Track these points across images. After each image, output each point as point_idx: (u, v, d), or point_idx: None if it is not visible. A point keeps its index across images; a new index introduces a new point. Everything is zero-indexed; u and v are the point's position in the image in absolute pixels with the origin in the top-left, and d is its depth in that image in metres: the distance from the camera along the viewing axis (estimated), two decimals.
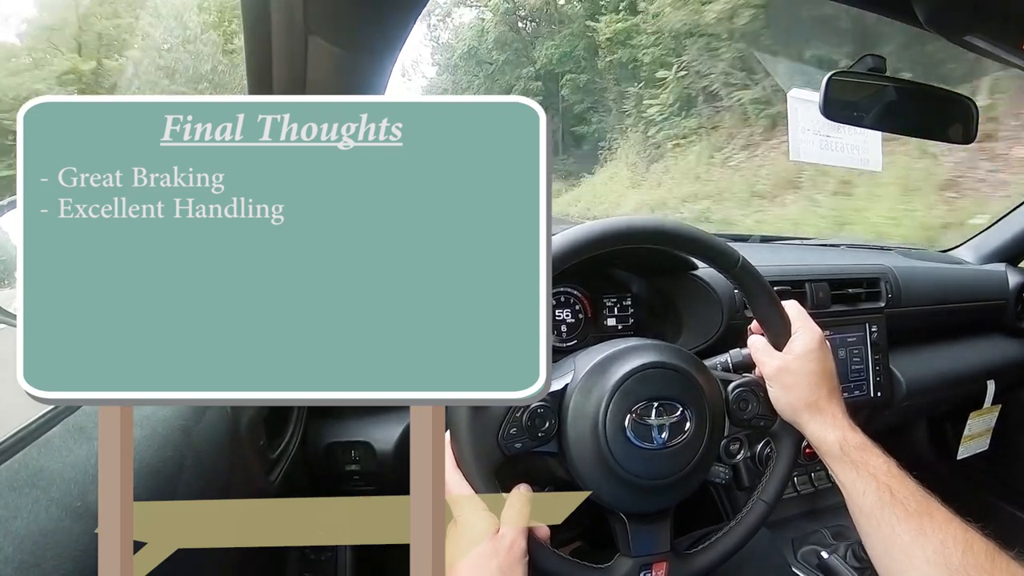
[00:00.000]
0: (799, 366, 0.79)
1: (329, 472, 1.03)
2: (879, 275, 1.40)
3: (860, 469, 0.73)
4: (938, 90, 1.14)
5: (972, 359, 1.59)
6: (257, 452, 0.83)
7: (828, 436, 0.76)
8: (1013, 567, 0.65)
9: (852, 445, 0.75)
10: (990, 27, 0.79)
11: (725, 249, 0.80)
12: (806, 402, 0.79)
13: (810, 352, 0.80)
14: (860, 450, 0.75)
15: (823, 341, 0.82)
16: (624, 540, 0.78)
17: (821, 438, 0.77)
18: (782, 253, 1.59)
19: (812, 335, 0.81)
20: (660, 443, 0.74)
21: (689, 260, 1.12)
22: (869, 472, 0.73)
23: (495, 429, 0.73)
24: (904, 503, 0.70)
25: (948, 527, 0.68)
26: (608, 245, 0.76)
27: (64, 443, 0.60)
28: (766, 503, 0.83)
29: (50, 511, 0.53)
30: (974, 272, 1.71)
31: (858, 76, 1.06)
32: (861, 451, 0.75)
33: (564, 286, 1.19)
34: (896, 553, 0.69)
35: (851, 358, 1.33)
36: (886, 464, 0.74)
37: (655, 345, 0.79)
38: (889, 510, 0.70)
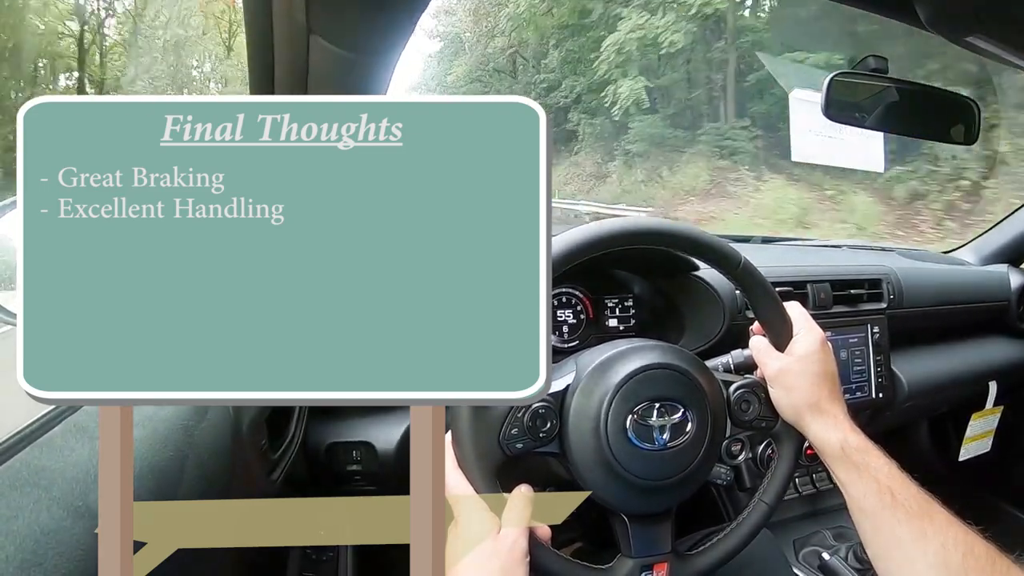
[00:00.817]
0: (801, 367, 0.79)
1: (331, 472, 1.03)
2: (881, 276, 1.40)
3: (861, 471, 0.73)
4: (940, 91, 1.14)
5: (974, 360, 1.59)
6: (259, 452, 0.83)
7: (830, 437, 0.76)
8: (1013, 571, 0.65)
9: (853, 447, 0.75)
10: (993, 28, 0.79)
11: (727, 250, 0.80)
12: (808, 403, 0.78)
13: (812, 353, 0.80)
14: (861, 452, 0.75)
15: (825, 343, 0.82)
16: (625, 541, 0.78)
17: (823, 439, 0.77)
18: (784, 254, 1.59)
19: (814, 336, 0.81)
20: (661, 444, 0.74)
21: (691, 261, 1.12)
22: (870, 474, 0.73)
23: (496, 429, 0.73)
24: (905, 505, 0.70)
25: (949, 530, 0.68)
26: (609, 246, 0.76)
27: (65, 442, 0.60)
28: (767, 504, 0.83)
29: (52, 510, 0.53)
30: (976, 273, 1.71)
31: (860, 77, 1.06)
32: (862, 453, 0.74)
33: (566, 287, 1.19)
34: (896, 555, 0.69)
35: (853, 359, 1.33)
36: (887, 466, 0.74)
37: (656, 346, 0.79)
38: (890, 512, 0.70)
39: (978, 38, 0.80)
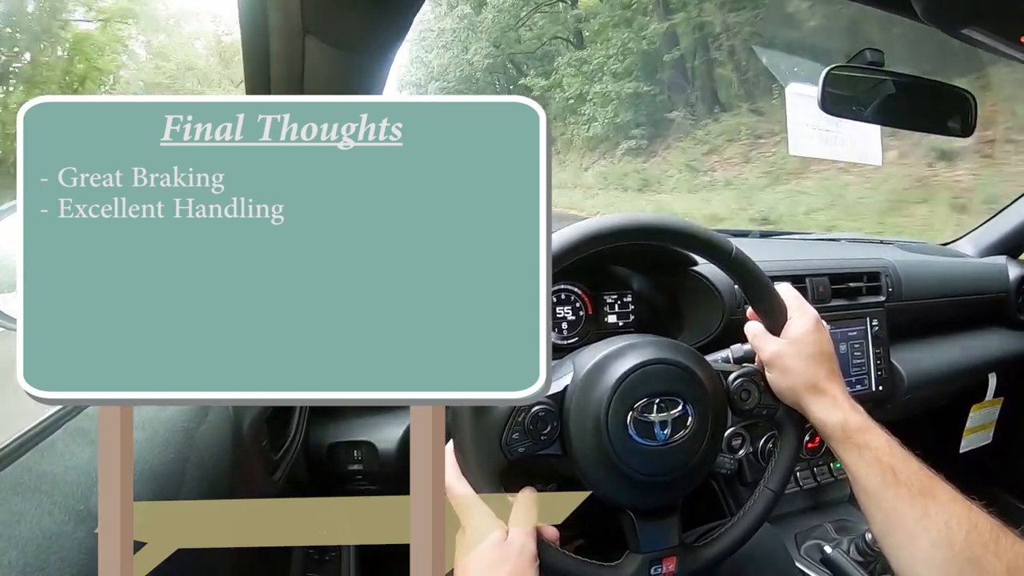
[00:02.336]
0: (796, 349, 0.79)
1: (332, 472, 1.03)
2: (879, 269, 1.40)
3: (863, 451, 0.74)
4: (936, 83, 1.14)
5: (973, 352, 1.59)
6: (260, 453, 0.83)
7: (830, 418, 0.76)
8: (1019, 545, 0.65)
9: (854, 427, 0.75)
10: (988, 20, 0.79)
11: (719, 240, 0.80)
12: (806, 385, 0.79)
13: (807, 335, 0.80)
14: (862, 431, 0.75)
15: (819, 323, 0.82)
16: (633, 537, 0.78)
17: (823, 420, 0.77)
18: (782, 248, 1.59)
19: (808, 318, 0.81)
20: (663, 439, 0.74)
21: (689, 256, 1.12)
22: (872, 454, 0.73)
23: (497, 434, 0.73)
24: (907, 484, 0.70)
25: (952, 507, 0.68)
26: (603, 243, 0.75)
27: (66, 447, 0.60)
28: (772, 491, 0.83)
29: (53, 515, 0.53)
30: (975, 265, 1.71)
31: (857, 70, 1.06)
32: (863, 432, 0.75)
33: (564, 284, 1.19)
34: (900, 534, 0.69)
35: (852, 352, 1.33)
36: (889, 444, 0.74)
37: (652, 341, 0.79)
38: (892, 491, 0.70)
39: (973, 30, 0.80)
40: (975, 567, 0.64)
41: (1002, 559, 0.64)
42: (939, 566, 0.66)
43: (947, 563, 0.65)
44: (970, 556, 0.64)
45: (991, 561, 0.64)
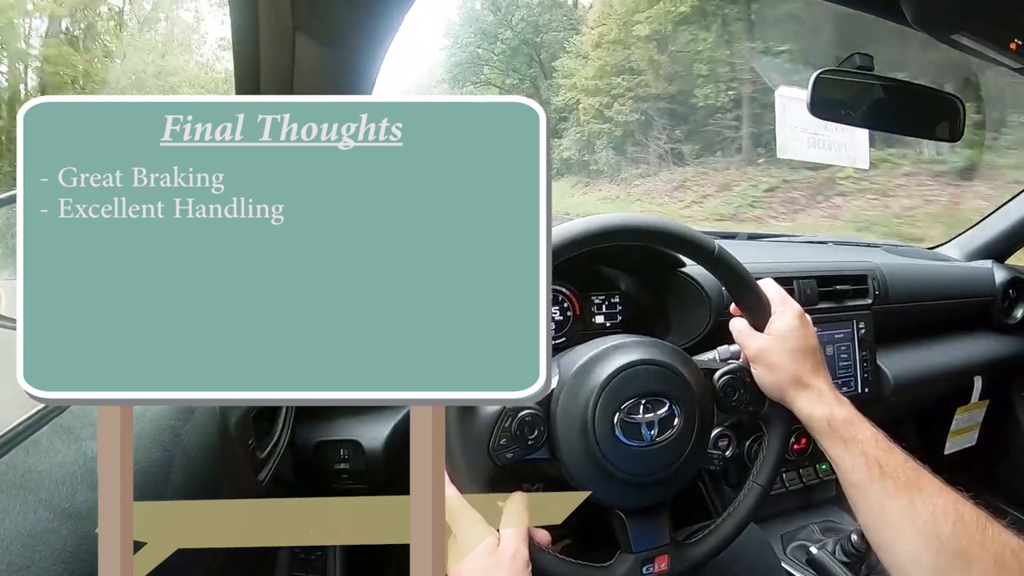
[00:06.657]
0: (780, 344, 0.80)
1: (318, 471, 1.03)
2: (866, 272, 1.41)
3: (849, 444, 0.74)
4: (925, 88, 1.15)
5: (959, 355, 1.61)
6: (246, 451, 0.83)
7: (815, 412, 0.77)
8: (1005, 536, 0.66)
9: (840, 420, 0.75)
10: (979, 26, 0.80)
11: (701, 239, 0.80)
12: (791, 379, 0.79)
13: (791, 330, 0.81)
14: (848, 424, 0.75)
15: (803, 317, 0.82)
16: (624, 537, 0.78)
17: (809, 414, 0.77)
18: (769, 250, 1.60)
19: (791, 313, 0.82)
20: (650, 439, 0.74)
21: (676, 257, 1.12)
22: (858, 447, 0.73)
23: (485, 440, 0.73)
24: (893, 476, 0.70)
25: (938, 498, 0.68)
26: (586, 245, 0.76)
27: (52, 444, 0.60)
28: (761, 486, 0.83)
29: (39, 513, 0.53)
30: (961, 269, 1.73)
31: (846, 74, 1.07)
32: (849, 425, 0.75)
33: (552, 284, 1.19)
34: (887, 527, 0.70)
35: (839, 355, 1.34)
36: (874, 437, 0.74)
37: (637, 342, 0.79)
38: (879, 484, 0.71)
39: (963, 36, 0.81)
40: (962, 558, 0.65)
41: (989, 550, 0.64)
42: (926, 558, 0.66)
43: (934, 555, 0.66)
44: (957, 548, 0.65)
45: (978, 552, 0.64)
